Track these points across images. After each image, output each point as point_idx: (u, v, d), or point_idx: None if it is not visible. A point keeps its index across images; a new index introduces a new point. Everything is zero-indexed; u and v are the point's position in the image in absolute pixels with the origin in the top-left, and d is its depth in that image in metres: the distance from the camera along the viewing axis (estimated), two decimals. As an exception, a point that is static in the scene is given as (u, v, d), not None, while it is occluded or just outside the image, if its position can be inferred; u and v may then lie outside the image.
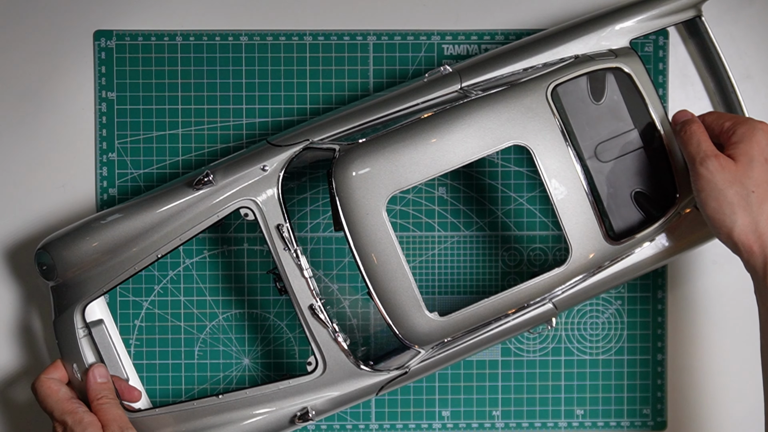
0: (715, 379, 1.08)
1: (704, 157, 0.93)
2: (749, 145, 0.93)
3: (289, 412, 0.99)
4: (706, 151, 0.93)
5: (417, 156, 0.93)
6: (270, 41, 1.07)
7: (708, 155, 0.93)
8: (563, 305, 0.99)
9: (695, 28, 1.04)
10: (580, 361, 1.08)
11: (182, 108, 1.07)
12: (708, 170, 0.93)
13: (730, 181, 0.92)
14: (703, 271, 1.08)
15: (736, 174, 0.92)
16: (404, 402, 1.08)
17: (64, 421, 0.94)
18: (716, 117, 0.97)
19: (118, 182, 1.07)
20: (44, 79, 1.07)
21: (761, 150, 0.93)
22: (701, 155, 0.93)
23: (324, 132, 0.97)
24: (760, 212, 0.92)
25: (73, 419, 0.94)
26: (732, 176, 0.92)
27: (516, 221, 1.07)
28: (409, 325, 0.94)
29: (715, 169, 0.92)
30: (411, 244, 1.07)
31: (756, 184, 0.92)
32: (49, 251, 0.97)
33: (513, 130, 0.94)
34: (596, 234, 0.96)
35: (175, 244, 0.98)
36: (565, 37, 0.99)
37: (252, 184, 0.97)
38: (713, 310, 1.08)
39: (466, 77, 0.98)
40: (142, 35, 1.07)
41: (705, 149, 0.93)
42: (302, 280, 0.97)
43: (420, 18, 1.08)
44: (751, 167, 0.92)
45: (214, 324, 1.07)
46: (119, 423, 0.95)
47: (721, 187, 0.92)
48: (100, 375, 0.97)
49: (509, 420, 1.08)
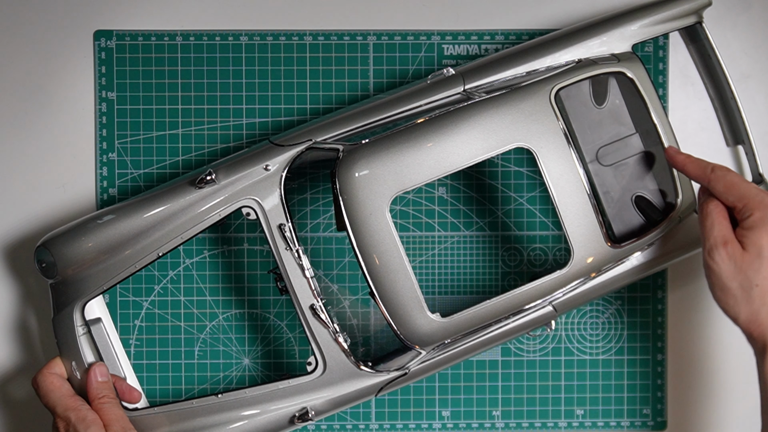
0: (715, 379, 1.08)
1: (713, 246, 0.93)
2: (760, 234, 0.91)
3: (288, 412, 0.99)
4: (717, 237, 0.93)
5: (420, 157, 0.93)
6: (270, 41, 1.07)
7: (716, 244, 0.92)
8: (563, 308, 1.00)
9: (696, 33, 1.04)
10: (580, 361, 1.08)
11: (182, 108, 1.07)
12: (715, 262, 0.93)
13: (735, 272, 0.92)
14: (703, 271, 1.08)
15: (742, 265, 0.92)
16: (404, 402, 1.08)
17: (67, 418, 0.94)
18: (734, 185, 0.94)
19: (118, 182, 1.07)
20: (44, 79, 1.06)
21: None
22: (710, 243, 0.93)
23: (327, 132, 0.97)
24: (761, 304, 0.92)
25: (77, 416, 0.94)
26: (737, 268, 0.92)
27: (516, 221, 1.08)
28: (411, 325, 0.94)
29: (722, 260, 0.92)
30: (411, 244, 1.07)
31: (762, 278, 0.91)
32: (49, 248, 0.97)
33: (516, 133, 0.94)
34: (598, 237, 0.96)
35: (177, 242, 0.98)
36: (567, 41, 1.00)
37: (254, 184, 0.97)
38: (713, 310, 1.08)
39: (469, 80, 0.99)
40: (142, 35, 1.06)
41: (716, 235, 0.93)
42: (303, 279, 0.97)
43: (420, 18, 1.08)
44: (759, 260, 0.91)
45: (214, 324, 1.07)
46: (122, 423, 0.95)
47: (725, 279, 0.92)
48: (101, 374, 0.97)
49: (509, 420, 1.08)
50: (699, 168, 0.95)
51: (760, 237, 0.91)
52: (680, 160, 0.96)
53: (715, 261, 0.92)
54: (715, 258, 0.92)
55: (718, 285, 0.93)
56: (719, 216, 0.93)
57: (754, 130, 1.06)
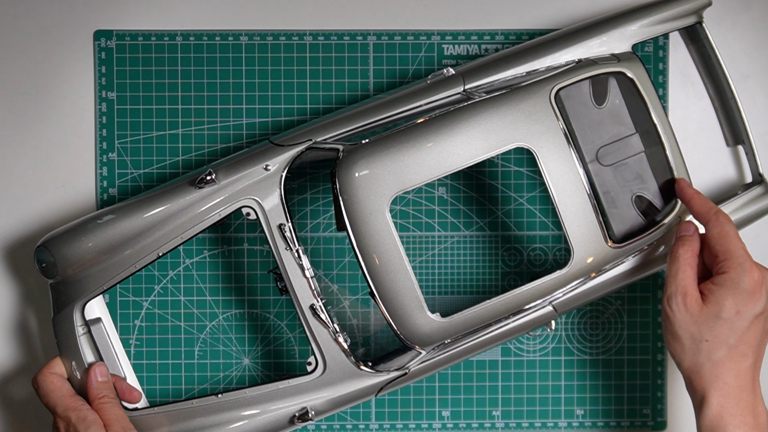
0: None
1: (672, 294, 0.94)
2: (725, 295, 0.92)
3: (288, 412, 0.99)
4: (679, 286, 0.94)
5: (421, 157, 0.93)
6: (270, 41, 1.07)
7: (676, 293, 0.94)
8: (563, 308, 1.00)
9: (696, 33, 1.04)
10: (580, 361, 1.08)
11: (182, 108, 1.07)
12: (671, 309, 0.94)
13: (689, 324, 0.94)
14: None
15: (698, 319, 0.93)
16: (404, 402, 1.08)
17: (67, 418, 0.94)
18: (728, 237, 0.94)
19: (118, 182, 1.07)
20: (44, 79, 1.06)
21: (734, 304, 0.92)
22: (671, 290, 0.95)
23: (327, 132, 0.97)
24: (706, 359, 0.93)
25: (77, 416, 0.94)
26: (692, 320, 0.93)
27: (516, 221, 1.08)
28: (411, 325, 0.94)
29: (678, 310, 0.94)
30: (411, 244, 1.07)
31: (712, 336, 0.93)
32: (49, 248, 0.97)
33: (516, 133, 0.95)
34: (598, 237, 0.96)
35: (177, 242, 0.98)
36: (567, 41, 1.00)
37: (254, 184, 0.97)
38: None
39: (469, 80, 0.99)
40: (142, 35, 1.06)
41: (679, 283, 0.94)
42: (303, 279, 0.97)
43: (420, 18, 1.08)
44: (716, 319, 0.92)
45: (214, 324, 1.07)
46: (122, 423, 0.95)
47: (678, 328, 0.94)
48: (101, 374, 0.97)
49: (509, 420, 1.08)
50: (704, 207, 0.96)
51: (725, 297, 0.92)
52: (689, 193, 0.97)
53: (672, 309, 0.94)
54: (672, 306, 0.94)
55: (669, 330, 0.95)
56: (686, 264, 0.95)
57: (754, 130, 1.06)
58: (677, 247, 0.96)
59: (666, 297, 0.95)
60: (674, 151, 0.99)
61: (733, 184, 1.09)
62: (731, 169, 1.09)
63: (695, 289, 0.94)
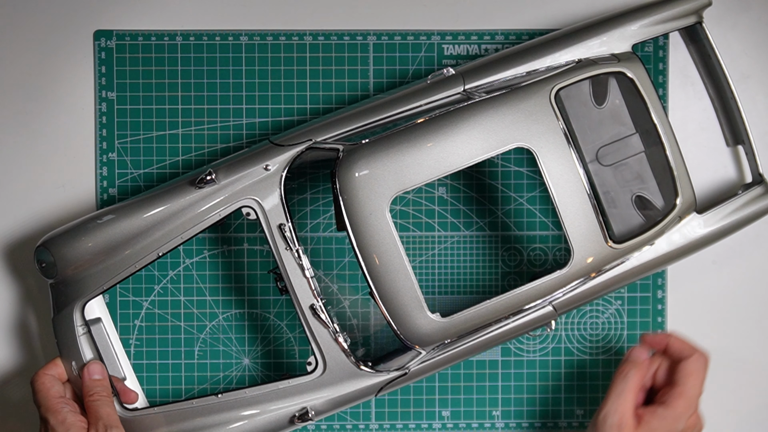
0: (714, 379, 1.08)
1: (608, 414, 0.96)
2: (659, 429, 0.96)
3: (288, 412, 0.99)
4: (617, 410, 0.96)
5: (421, 157, 0.93)
6: (270, 41, 1.07)
7: (613, 415, 0.96)
8: (563, 308, 1.00)
9: (696, 33, 1.04)
10: (580, 361, 1.08)
11: (182, 108, 1.07)
12: (604, 428, 0.96)
13: None
14: (703, 271, 1.08)
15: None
16: (404, 402, 1.08)
17: (46, 419, 0.94)
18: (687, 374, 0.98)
19: (118, 182, 1.07)
20: (44, 79, 1.06)
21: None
22: (609, 409, 0.97)
23: (327, 132, 0.98)
24: None
25: (56, 419, 0.93)
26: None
27: (516, 221, 1.08)
28: (411, 325, 0.94)
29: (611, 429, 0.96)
30: (411, 244, 1.07)
31: None
32: (49, 248, 0.97)
33: (516, 133, 0.94)
34: (598, 237, 0.96)
35: (177, 242, 0.98)
36: (567, 41, 1.00)
37: (254, 184, 0.97)
38: (713, 310, 1.09)
39: (469, 79, 0.99)
40: (142, 35, 1.06)
41: (617, 406, 0.96)
42: (303, 279, 0.97)
43: (420, 18, 1.08)
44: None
45: (214, 324, 1.07)
46: (105, 421, 0.94)
47: None
48: (94, 372, 0.97)
49: (509, 420, 1.08)
50: (686, 344, 0.99)
51: (661, 424, 0.95)
52: (661, 338, 1.01)
53: (605, 429, 0.96)
54: (605, 426, 0.96)
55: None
56: (631, 389, 0.97)
57: (754, 130, 1.06)
58: (629, 368, 0.98)
59: (602, 415, 0.97)
60: (674, 151, 0.99)
61: (733, 184, 1.09)
62: (731, 169, 1.09)
63: (632, 417, 0.96)
